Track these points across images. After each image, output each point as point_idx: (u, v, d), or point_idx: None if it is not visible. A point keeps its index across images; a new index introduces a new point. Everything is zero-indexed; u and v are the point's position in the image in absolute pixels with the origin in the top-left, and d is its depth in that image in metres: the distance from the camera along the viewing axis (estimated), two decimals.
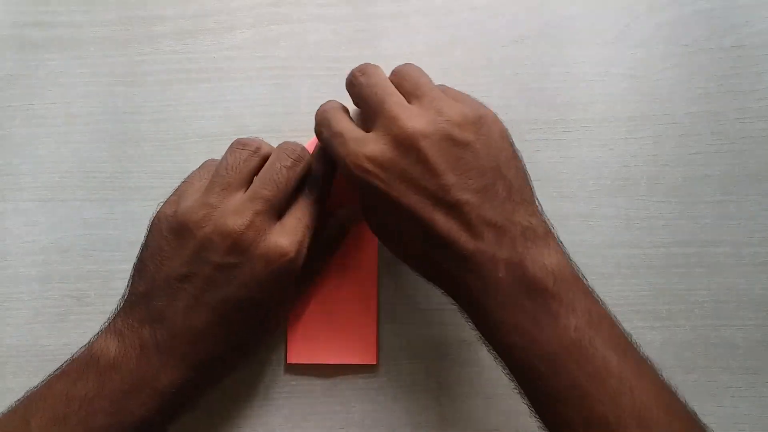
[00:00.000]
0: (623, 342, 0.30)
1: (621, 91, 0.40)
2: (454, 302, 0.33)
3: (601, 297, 0.38)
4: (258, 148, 0.34)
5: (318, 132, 0.34)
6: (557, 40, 0.41)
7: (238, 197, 0.32)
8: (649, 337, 0.38)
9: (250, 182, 0.33)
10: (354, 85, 0.34)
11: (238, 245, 0.31)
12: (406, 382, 0.38)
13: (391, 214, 0.31)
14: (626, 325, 0.38)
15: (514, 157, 0.32)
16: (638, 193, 0.39)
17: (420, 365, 0.38)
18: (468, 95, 0.34)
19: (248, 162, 0.33)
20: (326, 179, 0.35)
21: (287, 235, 0.32)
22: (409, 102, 0.32)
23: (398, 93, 0.32)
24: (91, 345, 0.32)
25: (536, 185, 0.39)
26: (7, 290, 0.40)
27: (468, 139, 0.30)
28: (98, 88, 0.42)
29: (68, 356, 0.33)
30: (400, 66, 0.35)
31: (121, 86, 0.42)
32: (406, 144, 0.30)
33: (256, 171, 0.33)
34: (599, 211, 0.39)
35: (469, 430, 0.38)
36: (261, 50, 0.42)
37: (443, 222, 0.30)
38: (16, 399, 0.32)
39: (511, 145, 0.32)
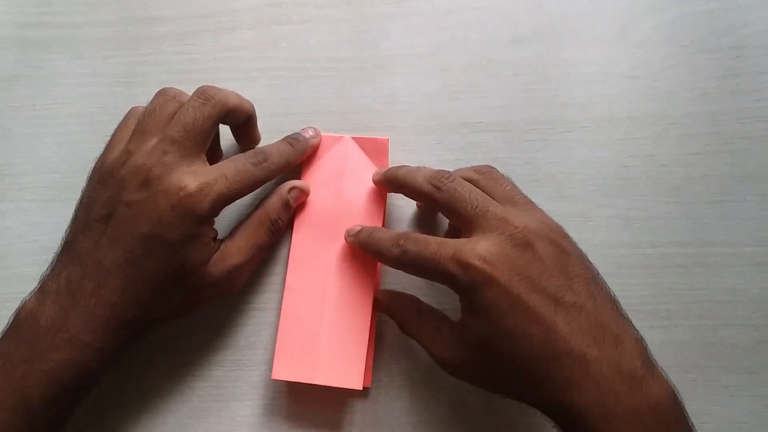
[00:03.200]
0: None
1: (621, 91, 0.40)
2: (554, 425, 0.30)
3: None
4: (175, 96, 0.35)
5: (394, 248, 0.33)
6: (557, 40, 0.41)
7: (154, 140, 0.33)
8: (648, 337, 0.38)
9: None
10: (442, 190, 0.32)
11: (146, 181, 0.32)
12: (407, 382, 0.38)
13: (504, 316, 0.29)
14: None
15: (597, 271, 0.32)
16: (638, 193, 0.40)
17: (420, 365, 0.38)
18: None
19: (165, 108, 0.34)
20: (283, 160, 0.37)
21: (195, 174, 0.33)
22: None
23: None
24: (18, 308, 0.33)
25: (536, 185, 0.39)
26: (7, 290, 0.40)
27: (568, 249, 0.31)
28: (99, 89, 0.42)
29: None
30: (481, 167, 0.35)
31: (122, 86, 0.42)
32: (522, 242, 0.30)
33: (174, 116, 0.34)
34: (599, 211, 0.39)
35: (469, 430, 0.38)
36: (261, 51, 0.42)
37: (565, 325, 0.29)
38: None
39: None
